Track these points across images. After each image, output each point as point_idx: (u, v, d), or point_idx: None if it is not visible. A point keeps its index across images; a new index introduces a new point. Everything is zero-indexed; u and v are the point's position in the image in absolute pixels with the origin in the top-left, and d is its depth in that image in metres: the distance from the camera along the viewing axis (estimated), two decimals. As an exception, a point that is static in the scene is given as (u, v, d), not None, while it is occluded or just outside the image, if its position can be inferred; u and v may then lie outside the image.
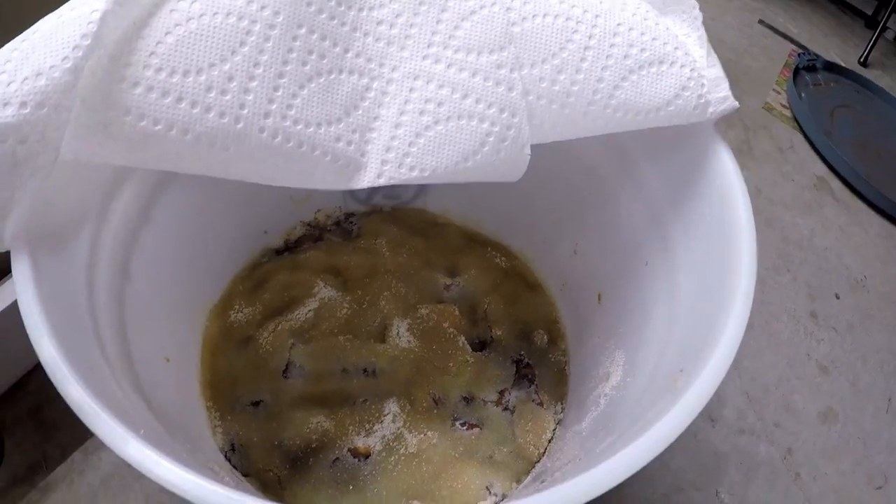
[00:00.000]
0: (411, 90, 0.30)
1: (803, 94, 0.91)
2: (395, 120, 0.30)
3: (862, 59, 1.05)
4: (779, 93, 0.93)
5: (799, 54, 0.98)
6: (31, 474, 0.46)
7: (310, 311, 0.46)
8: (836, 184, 0.83)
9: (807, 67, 0.95)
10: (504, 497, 0.40)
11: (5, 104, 0.23)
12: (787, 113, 0.90)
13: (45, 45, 0.24)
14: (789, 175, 0.82)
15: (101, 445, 0.46)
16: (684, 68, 0.32)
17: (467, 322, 0.48)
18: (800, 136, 0.88)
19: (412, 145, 0.30)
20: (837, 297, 0.70)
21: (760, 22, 1.08)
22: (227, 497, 0.21)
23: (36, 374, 0.49)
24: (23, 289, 0.25)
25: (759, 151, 0.85)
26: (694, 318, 0.32)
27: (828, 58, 0.98)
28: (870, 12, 1.15)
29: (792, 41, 1.05)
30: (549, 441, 0.43)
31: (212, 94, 0.27)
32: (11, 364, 0.47)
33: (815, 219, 0.78)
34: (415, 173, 0.30)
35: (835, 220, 0.78)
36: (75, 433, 0.47)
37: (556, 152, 0.37)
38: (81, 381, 0.23)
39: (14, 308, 0.40)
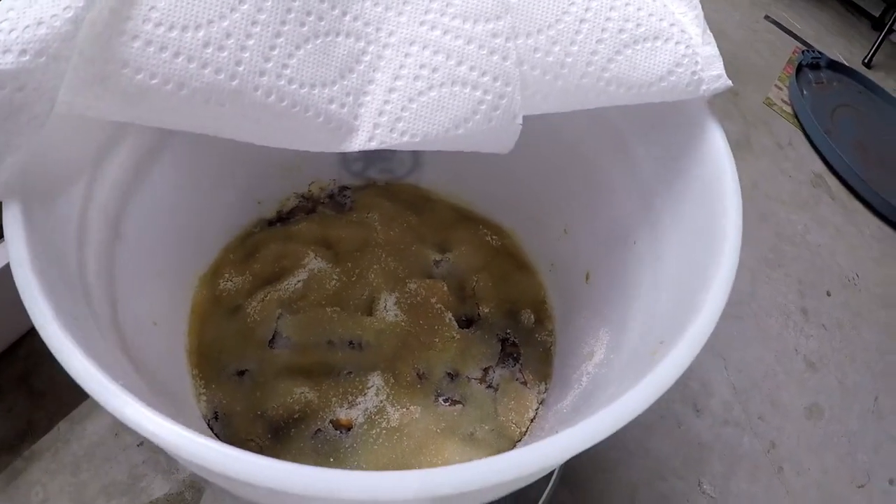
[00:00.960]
0: (406, 55, 0.30)
1: (805, 92, 0.91)
2: (389, 84, 0.30)
3: (866, 60, 1.05)
4: (781, 89, 0.93)
5: (803, 51, 0.98)
6: (17, 442, 0.46)
7: (299, 281, 0.46)
8: (833, 182, 0.83)
9: (810, 65, 0.96)
10: (484, 475, 0.40)
11: (5, 51, 0.23)
12: (788, 109, 0.90)
13: None
14: (787, 171, 0.82)
15: (88, 415, 0.47)
16: (679, 45, 0.32)
17: (455, 298, 0.48)
18: (799, 133, 0.88)
19: (405, 110, 0.30)
20: (829, 295, 0.70)
21: (766, 18, 1.08)
22: (222, 452, 0.20)
23: (27, 341, 0.49)
24: (14, 240, 0.25)
25: (757, 146, 0.85)
26: (677, 293, 0.32)
27: (832, 57, 0.99)
28: (877, 14, 1.16)
29: (797, 38, 1.05)
30: (532, 420, 0.43)
31: (209, 50, 0.27)
32: (2, 330, 0.47)
33: (811, 216, 0.78)
34: (406, 138, 0.30)
35: (830, 218, 0.79)
36: (62, 402, 0.47)
37: (548, 131, 0.37)
38: (69, 334, 0.23)
39: (3, 274, 0.39)
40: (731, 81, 0.33)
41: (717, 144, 0.33)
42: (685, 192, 0.34)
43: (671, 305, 0.32)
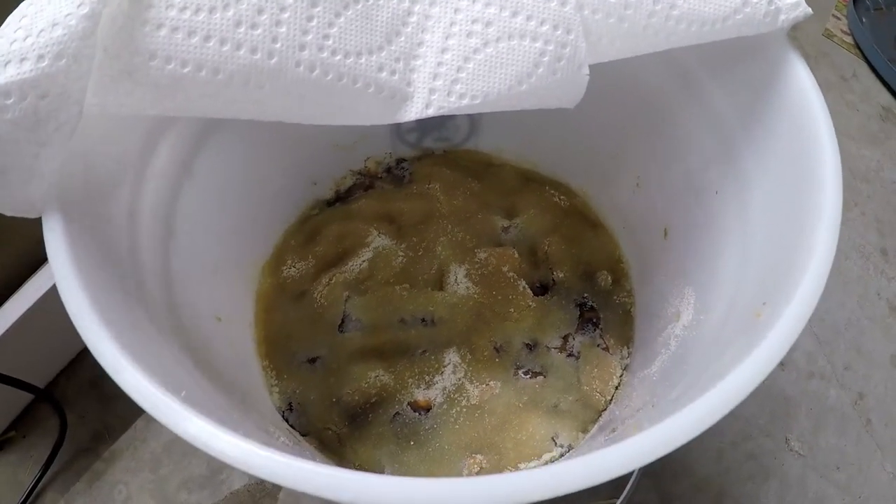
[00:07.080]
0: (456, 11, 0.28)
1: (864, 20, 0.86)
2: (440, 45, 0.28)
3: (925, -20, 0.99)
4: (839, 18, 0.88)
5: (859, -23, 0.92)
6: (96, 444, 0.47)
7: (364, 261, 0.45)
8: (903, 113, 0.79)
9: (867, -9, 0.90)
10: (570, 448, 0.38)
11: (22, 59, 0.22)
12: (849, 39, 0.85)
13: None
14: (853, 105, 0.78)
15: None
16: None
17: (527, 265, 0.46)
18: (863, 64, 0.83)
19: (461, 70, 0.28)
20: (909, 233, 0.67)
21: (815, -54, 1.02)
22: (282, 462, 0.20)
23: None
24: (56, 254, 0.24)
25: (820, 80, 0.79)
26: (774, 246, 0.30)
27: (889, -20, 0.93)
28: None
29: (850, -36, 0.99)
30: (616, 388, 0.41)
31: (241, 30, 0.25)
32: (71, 338, 0.47)
33: (883, 150, 0.74)
34: (465, 101, 0.28)
35: (904, 151, 0.74)
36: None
37: (613, 78, 0.34)
38: (123, 350, 0.22)
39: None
40: (810, 9, 0.30)
41: (801, 78, 0.30)
42: (770, 134, 0.32)
43: (769, 260, 0.30)
